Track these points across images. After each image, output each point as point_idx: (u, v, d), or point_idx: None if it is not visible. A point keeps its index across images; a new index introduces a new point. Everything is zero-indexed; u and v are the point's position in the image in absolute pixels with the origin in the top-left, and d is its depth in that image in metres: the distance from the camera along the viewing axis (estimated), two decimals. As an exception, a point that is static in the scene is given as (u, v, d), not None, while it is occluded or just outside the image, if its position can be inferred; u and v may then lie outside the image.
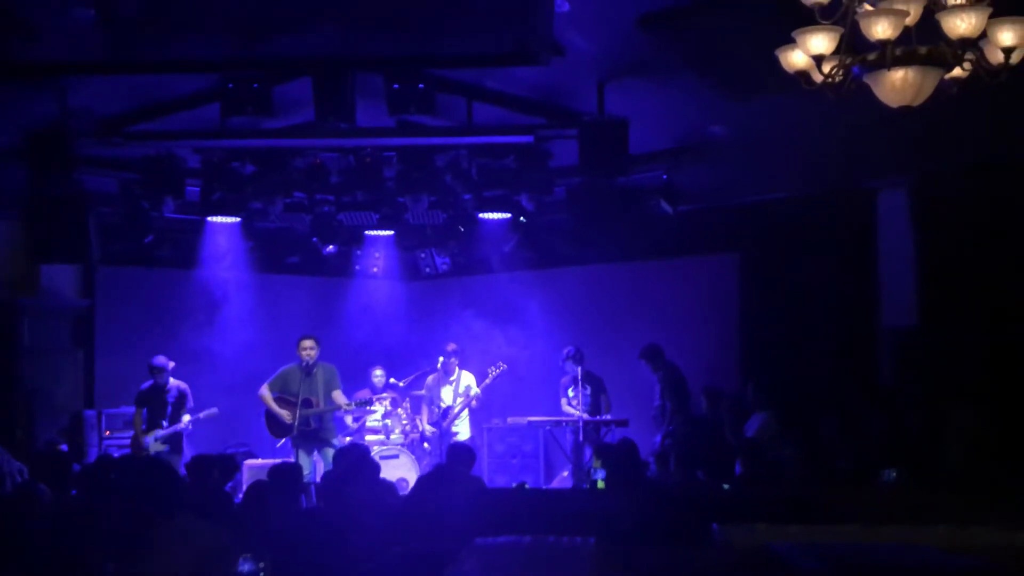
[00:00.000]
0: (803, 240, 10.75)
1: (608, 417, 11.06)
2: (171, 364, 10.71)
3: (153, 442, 10.50)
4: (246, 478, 10.61)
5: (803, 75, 5.11)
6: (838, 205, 10.45)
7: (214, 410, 10.84)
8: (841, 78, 4.97)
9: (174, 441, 10.60)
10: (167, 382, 10.68)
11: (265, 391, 10.76)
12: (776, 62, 5.19)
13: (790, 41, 5.01)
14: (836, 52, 4.91)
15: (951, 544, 3.64)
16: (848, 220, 10.46)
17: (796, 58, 5.07)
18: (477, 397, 11.55)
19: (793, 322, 10.71)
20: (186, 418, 10.69)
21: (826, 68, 4.97)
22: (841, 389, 9.79)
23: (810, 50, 4.91)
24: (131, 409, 11.42)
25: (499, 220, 10.85)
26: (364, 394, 11.42)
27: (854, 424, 8.79)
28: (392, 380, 12.16)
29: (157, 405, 10.67)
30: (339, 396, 10.71)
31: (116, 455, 9.34)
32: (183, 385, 10.80)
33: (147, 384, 10.74)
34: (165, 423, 10.60)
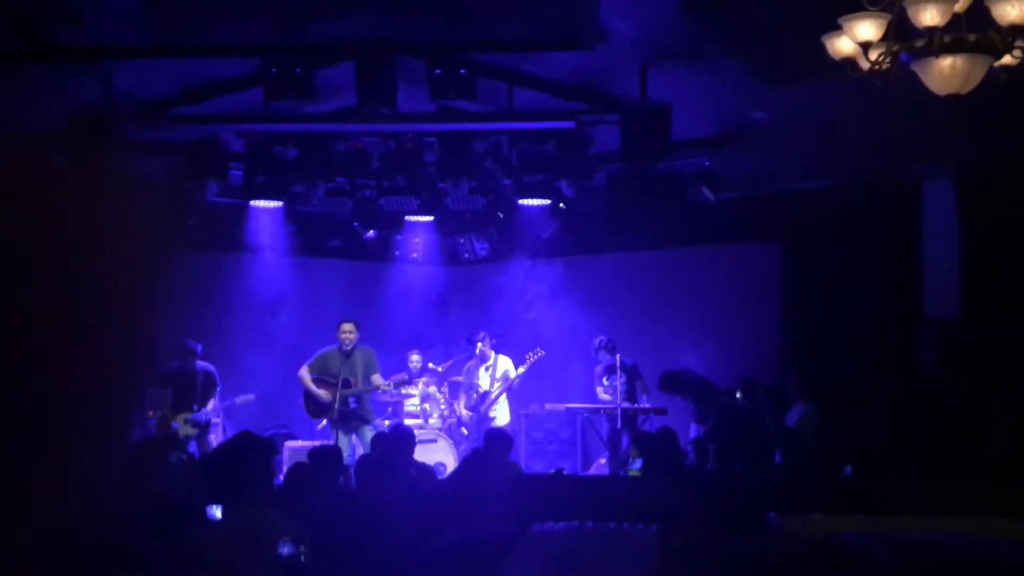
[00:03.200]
0: (846, 229, 10.64)
1: (646, 405, 11.03)
2: (200, 347, 10.76)
3: (183, 424, 10.54)
4: (286, 459, 10.70)
5: (849, 62, 5.06)
6: (882, 194, 10.34)
7: (250, 396, 10.92)
8: (888, 65, 4.91)
9: (203, 425, 10.66)
10: (195, 365, 10.73)
11: (304, 372, 10.84)
12: (821, 48, 5.14)
13: (836, 27, 4.96)
14: (883, 39, 4.86)
15: (1012, 536, 3.60)
16: (892, 210, 10.34)
17: (843, 44, 5.02)
18: (517, 378, 11.56)
19: (835, 312, 10.62)
20: (211, 403, 10.75)
21: (873, 55, 4.91)
22: (883, 381, 9.70)
23: (857, 36, 4.86)
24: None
25: (539, 206, 10.83)
26: (400, 376, 11.47)
27: (896, 416, 8.71)
28: (431, 365, 12.20)
29: (184, 387, 10.70)
30: (378, 378, 10.80)
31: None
32: (210, 367, 10.84)
33: (173, 364, 10.78)
34: (195, 406, 10.67)
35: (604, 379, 11.28)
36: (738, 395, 10.17)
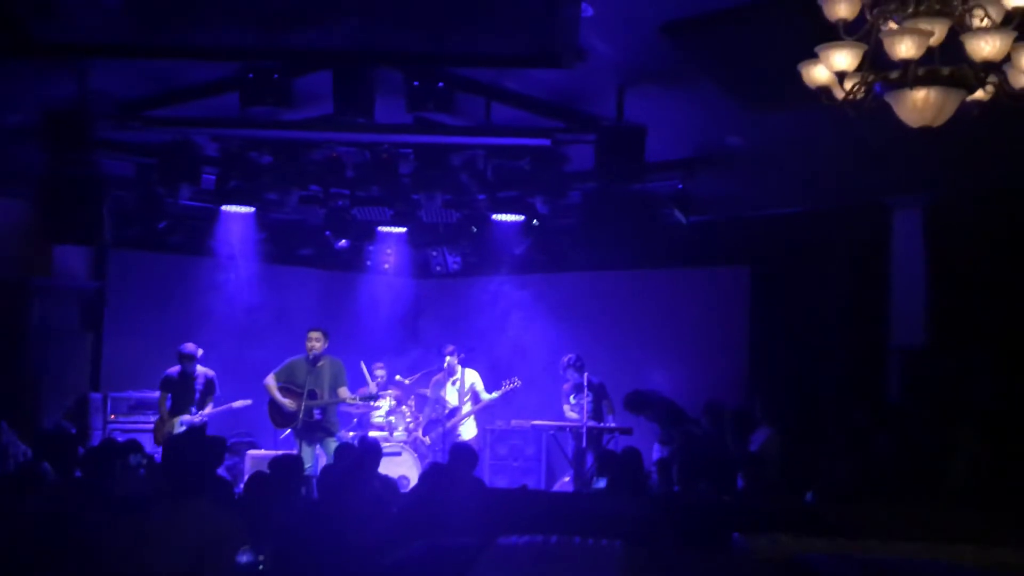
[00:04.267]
0: (816, 255, 10.73)
1: (612, 424, 11.04)
2: (200, 352, 10.77)
3: (180, 428, 10.55)
4: (248, 468, 10.65)
5: (824, 90, 5.09)
6: (853, 222, 10.43)
7: (248, 400, 10.93)
8: (862, 95, 4.96)
9: (200, 429, 10.66)
10: (195, 370, 10.75)
11: (271, 380, 10.79)
12: (797, 76, 5.17)
13: (813, 56, 5.00)
14: (859, 69, 4.90)
15: (976, 562, 3.63)
16: (862, 237, 10.44)
17: (819, 73, 5.06)
18: (486, 404, 11.55)
19: (803, 337, 10.69)
20: (207, 409, 10.75)
21: (848, 84, 4.95)
22: (848, 407, 9.76)
23: (833, 66, 4.90)
24: (138, 394, 11.50)
25: (512, 222, 10.83)
26: (367, 391, 11.42)
27: (860, 442, 8.77)
28: (398, 377, 12.17)
29: (184, 392, 10.74)
30: (344, 391, 10.76)
31: (120, 439, 9.34)
32: (210, 372, 10.88)
33: (174, 370, 10.80)
34: (194, 409, 10.67)
35: (571, 397, 11.28)
36: (702, 420, 10.19)
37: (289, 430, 10.85)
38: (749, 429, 9.75)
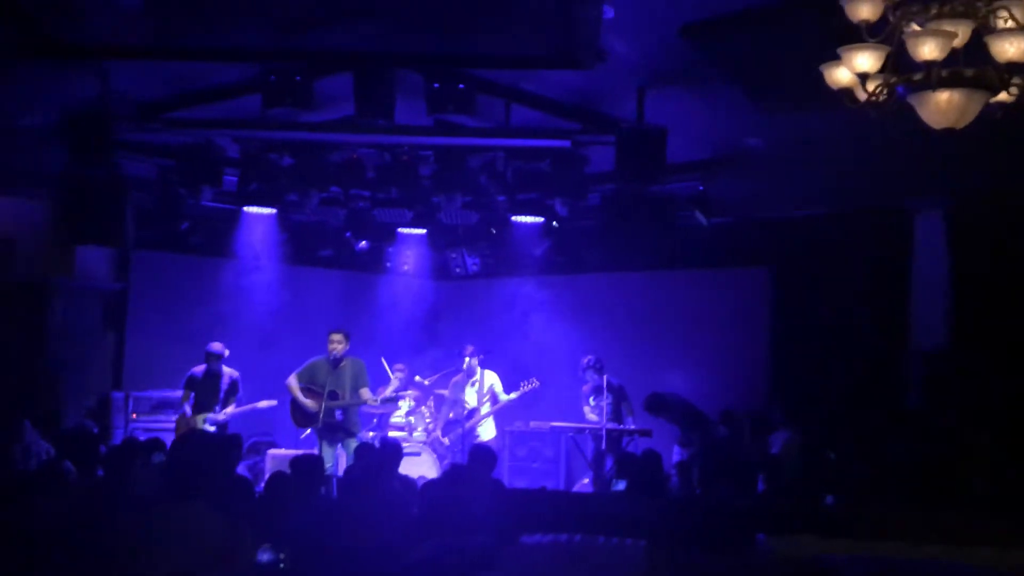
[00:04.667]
0: (837, 258, 10.67)
1: (632, 426, 11.01)
2: (226, 352, 10.82)
3: (201, 424, 10.61)
4: (268, 468, 10.69)
5: (847, 92, 5.07)
6: (874, 224, 10.37)
7: (273, 401, 10.97)
8: (885, 97, 4.93)
9: (221, 426, 10.73)
10: (221, 369, 10.81)
11: (293, 381, 10.80)
12: (819, 77, 5.15)
13: (835, 57, 4.97)
14: (881, 70, 4.87)
15: (998, 565, 3.61)
16: (883, 240, 10.38)
17: (841, 75, 5.03)
18: (504, 405, 11.54)
19: (823, 340, 10.64)
20: (230, 408, 10.81)
21: (870, 86, 4.93)
22: (869, 410, 9.70)
23: (855, 67, 4.87)
24: (159, 393, 11.56)
25: (532, 224, 10.83)
26: (387, 393, 11.41)
27: (880, 446, 8.72)
28: (417, 378, 12.17)
29: (209, 391, 10.80)
30: (365, 392, 10.74)
31: (142, 438, 9.38)
32: (235, 373, 10.94)
33: (200, 369, 10.86)
34: (218, 408, 10.73)
35: (591, 399, 11.25)
36: (721, 425, 10.17)
37: (310, 430, 10.88)
38: (768, 432, 9.72)
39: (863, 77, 4.87)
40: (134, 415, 11.52)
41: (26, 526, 5.29)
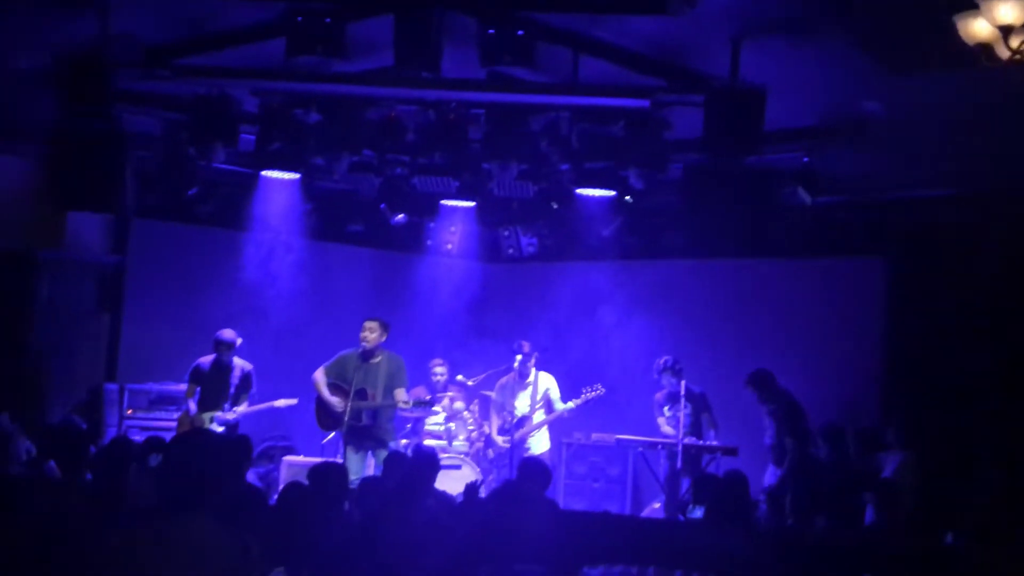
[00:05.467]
0: (967, 246, 10.54)
1: (713, 442, 10.98)
2: (239, 340, 10.95)
3: (209, 424, 10.74)
4: (284, 477, 10.81)
5: (985, 49, 5.01)
6: (1009, 207, 10.22)
7: (294, 400, 11.10)
8: (1032, 55, 4.86)
9: (231, 427, 10.86)
10: (231, 361, 10.94)
11: (320, 375, 10.89)
12: (952, 31, 5.09)
13: (973, 7, 4.91)
14: (1028, 23, 4.81)
15: None
16: (1020, 225, 10.23)
17: (979, 28, 4.98)
18: (566, 412, 11.56)
19: (948, 346, 10.52)
20: (242, 407, 10.94)
21: (1014, 42, 4.86)
22: (1002, 432, 9.59)
23: (997, 19, 4.81)
24: (159, 386, 11.73)
25: (600, 198, 10.81)
26: (420, 392, 11.48)
27: (1014, 476, 8.62)
28: (460, 378, 12.22)
29: (218, 385, 10.95)
30: (401, 393, 10.77)
31: (138, 438, 9.53)
32: (248, 366, 11.08)
33: (207, 360, 11.02)
34: (227, 406, 10.86)
35: (666, 408, 11.24)
36: (821, 444, 10.11)
37: (334, 434, 10.96)
38: (877, 452, 9.65)
39: (1006, 31, 4.81)
40: (129, 411, 11.70)
41: (2, 535, 5.38)
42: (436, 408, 11.72)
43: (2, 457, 9.03)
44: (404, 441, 11.45)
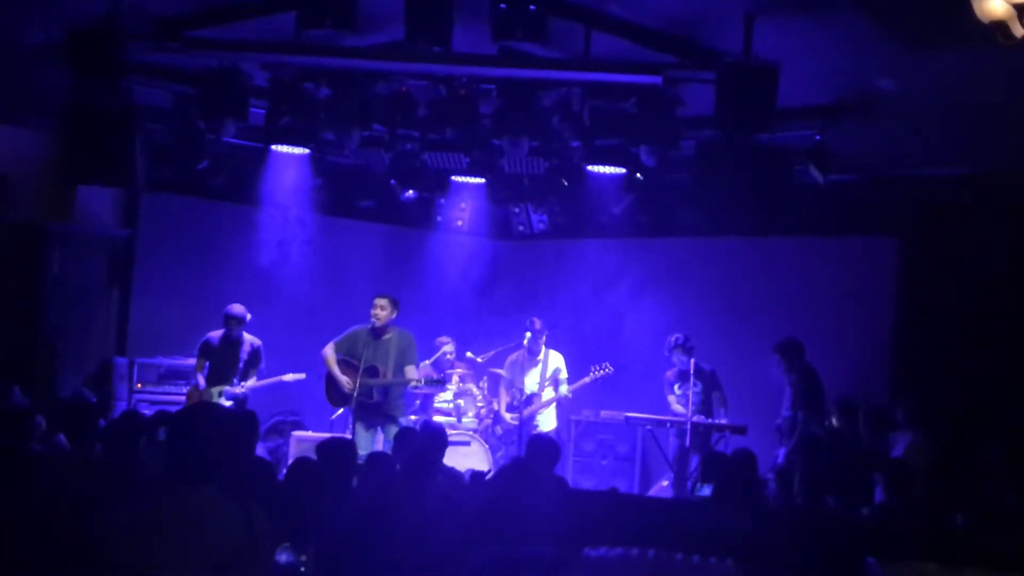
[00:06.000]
0: (981, 226, 10.51)
1: (723, 420, 10.99)
2: (248, 316, 10.98)
3: (217, 398, 10.80)
4: (292, 452, 10.86)
5: (1000, 26, 4.97)
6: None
7: (302, 374, 11.14)
8: (1048, 33, 4.83)
9: (240, 401, 10.91)
10: (241, 336, 10.99)
11: (329, 351, 10.89)
12: (967, 8, 5.06)
13: (988, -17, 4.88)
14: (1045, 0, 4.77)
15: None
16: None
17: (993, 5, 4.93)
18: (566, 397, 11.57)
19: (961, 326, 10.51)
20: (251, 381, 10.97)
21: (1030, 19, 4.83)
22: (1016, 412, 9.57)
23: (1012, -4, 4.77)
24: (168, 360, 11.77)
25: (611, 175, 10.80)
26: (428, 369, 11.49)
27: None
28: (469, 354, 12.24)
29: (227, 360, 10.99)
30: (411, 370, 10.77)
31: (148, 412, 9.57)
32: (257, 341, 11.12)
33: (217, 335, 11.05)
34: (236, 380, 10.91)
35: (676, 386, 11.24)
36: (833, 421, 10.10)
37: (343, 410, 10.99)
38: (887, 432, 9.64)
39: (1021, 9, 4.77)
40: (139, 385, 11.74)
41: (8, 511, 5.40)
42: (448, 386, 11.75)
43: (21, 433, 9.07)
44: (413, 417, 11.48)
